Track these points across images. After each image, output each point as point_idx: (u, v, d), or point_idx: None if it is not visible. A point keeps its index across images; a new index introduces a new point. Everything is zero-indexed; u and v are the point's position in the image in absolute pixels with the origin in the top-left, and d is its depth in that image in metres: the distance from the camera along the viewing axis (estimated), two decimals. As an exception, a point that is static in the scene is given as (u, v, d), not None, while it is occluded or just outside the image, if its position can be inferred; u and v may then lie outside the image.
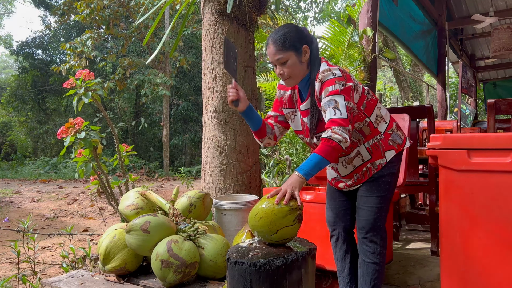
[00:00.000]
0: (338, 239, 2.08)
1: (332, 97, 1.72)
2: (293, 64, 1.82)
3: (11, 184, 8.97)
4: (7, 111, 17.93)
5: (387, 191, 1.91)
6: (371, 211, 1.89)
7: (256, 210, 1.72)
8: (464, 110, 7.44)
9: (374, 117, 1.91)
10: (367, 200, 1.91)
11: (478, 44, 9.60)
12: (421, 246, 3.43)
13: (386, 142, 1.92)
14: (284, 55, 1.80)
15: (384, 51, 4.52)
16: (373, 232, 1.89)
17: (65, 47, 10.93)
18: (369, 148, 1.90)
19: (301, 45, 1.83)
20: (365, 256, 1.91)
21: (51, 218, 5.22)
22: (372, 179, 1.91)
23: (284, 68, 1.83)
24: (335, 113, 1.70)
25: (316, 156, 1.69)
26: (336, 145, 1.66)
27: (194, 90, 15.03)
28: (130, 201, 2.46)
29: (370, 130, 1.90)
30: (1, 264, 3.20)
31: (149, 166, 13.00)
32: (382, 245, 1.91)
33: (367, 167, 1.91)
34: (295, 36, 1.82)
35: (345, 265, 2.08)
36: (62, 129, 2.85)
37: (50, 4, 15.78)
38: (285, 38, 1.80)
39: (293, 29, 1.85)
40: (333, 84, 1.74)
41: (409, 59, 14.64)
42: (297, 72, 1.85)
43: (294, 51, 1.81)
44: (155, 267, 2.02)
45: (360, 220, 1.92)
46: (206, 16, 3.08)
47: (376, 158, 1.91)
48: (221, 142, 2.99)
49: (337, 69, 1.79)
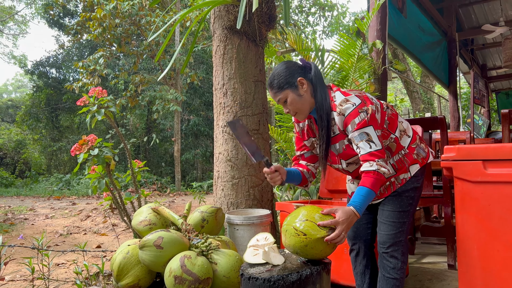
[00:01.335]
0: (358, 254, 2.05)
1: (362, 130, 1.72)
2: (293, 100, 1.82)
3: (25, 201, 9.07)
4: (22, 129, 18.26)
5: (410, 206, 1.88)
6: (393, 225, 1.86)
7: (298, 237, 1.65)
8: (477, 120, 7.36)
9: (398, 132, 1.90)
10: (389, 215, 1.88)
11: (489, 54, 9.54)
12: (437, 260, 3.36)
13: (411, 156, 1.90)
14: (282, 95, 1.82)
15: (394, 63, 4.51)
16: (394, 247, 1.85)
17: (78, 66, 11.15)
18: (394, 165, 1.88)
19: (295, 80, 1.82)
20: (385, 271, 1.88)
21: (64, 234, 5.25)
22: (395, 193, 1.88)
23: (288, 106, 1.85)
24: (370, 146, 1.70)
25: (366, 190, 1.69)
26: (383, 177, 1.70)
27: (204, 105, 15.16)
28: (143, 217, 2.46)
29: (396, 146, 1.88)
30: (15, 281, 3.22)
31: (161, 182, 13.06)
32: (403, 261, 1.87)
33: (391, 181, 1.88)
34: (285, 73, 1.83)
35: (364, 280, 2.05)
36: (76, 146, 2.89)
37: (64, 24, 16.16)
38: (277, 79, 1.83)
39: (283, 67, 1.85)
40: (358, 115, 1.72)
41: (419, 70, 14.60)
42: (300, 106, 1.84)
43: (288, 88, 1.82)
44: (168, 283, 2.01)
45: (382, 235, 1.89)
46: (216, 32, 3.12)
47: (400, 172, 1.88)
48: (233, 156, 2.99)
49: (353, 97, 1.77)
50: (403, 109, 10.52)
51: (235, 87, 3.01)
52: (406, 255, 1.89)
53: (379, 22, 4.25)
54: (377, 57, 4.20)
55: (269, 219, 2.67)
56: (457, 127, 7.53)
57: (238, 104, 3.00)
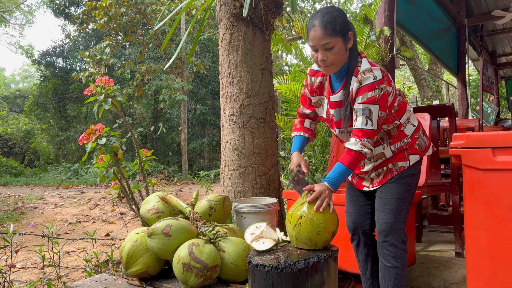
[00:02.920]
0: (359, 243, 2.05)
1: (368, 105, 1.69)
2: (339, 50, 1.71)
3: (34, 190, 9.18)
4: (30, 119, 18.39)
5: (407, 192, 1.87)
6: (391, 213, 1.85)
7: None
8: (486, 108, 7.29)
9: (404, 119, 1.88)
10: (386, 202, 1.87)
11: (499, 40, 9.39)
12: (445, 248, 3.36)
13: (413, 146, 1.89)
14: (333, 40, 1.69)
15: (402, 50, 4.46)
16: (393, 235, 1.84)
17: (84, 55, 11.17)
18: (394, 151, 1.87)
19: (348, 31, 1.73)
20: (386, 260, 1.87)
21: (73, 223, 5.32)
22: (392, 180, 1.87)
23: (329, 54, 1.72)
24: (366, 123, 1.69)
25: (344, 168, 1.73)
26: (363, 158, 1.73)
27: (211, 94, 15.14)
28: (151, 205, 2.48)
29: (397, 132, 1.87)
30: (26, 269, 3.27)
31: (168, 171, 13.13)
32: (403, 248, 1.86)
33: (388, 167, 1.88)
34: (344, 20, 1.72)
35: (367, 267, 2.06)
36: (84, 136, 2.90)
37: (70, 13, 16.14)
38: (335, 22, 1.69)
39: (342, 13, 1.73)
40: (373, 89, 1.69)
41: (427, 57, 14.44)
42: (340, 60, 1.75)
43: (342, 37, 1.71)
44: (176, 270, 2.03)
45: (380, 223, 1.88)
46: (222, 20, 3.10)
47: (399, 159, 1.87)
48: (240, 145, 2.99)
49: (378, 70, 1.72)
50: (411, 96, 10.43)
51: (242, 76, 3.00)
52: (405, 243, 1.88)
53: (387, 8, 4.19)
54: (385, 44, 4.15)
55: (276, 207, 2.68)
56: (466, 115, 7.45)
57: (245, 92, 2.99)
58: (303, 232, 1.70)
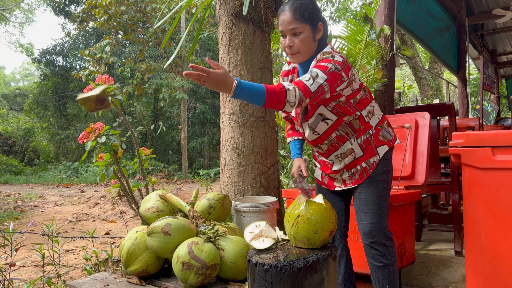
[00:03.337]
0: (332, 243, 2.02)
1: (317, 70, 1.63)
2: (307, 38, 1.71)
3: (34, 189, 9.18)
4: (30, 118, 18.39)
5: (385, 189, 1.87)
6: (374, 213, 1.83)
7: None
8: (486, 107, 7.28)
9: (365, 112, 1.86)
10: (367, 202, 1.84)
11: (500, 39, 9.38)
12: (444, 247, 3.36)
13: (377, 137, 1.88)
14: (300, 26, 1.69)
15: (402, 48, 4.45)
16: (379, 234, 1.82)
17: (84, 54, 11.16)
18: (361, 144, 1.86)
19: (317, 22, 1.73)
20: (376, 261, 1.84)
21: (73, 221, 5.32)
22: (369, 180, 1.85)
23: (296, 40, 1.71)
24: (308, 79, 1.60)
25: (260, 86, 1.54)
26: (284, 99, 1.55)
27: (211, 93, 15.13)
28: (151, 204, 2.48)
29: (360, 124, 1.85)
30: (26, 267, 3.27)
31: (168, 169, 13.13)
32: (391, 245, 1.85)
33: (362, 166, 1.86)
34: (314, 9, 1.72)
35: (339, 269, 2.02)
36: (83, 134, 2.90)
37: (69, 11, 16.13)
38: (305, 9, 1.70)
39: (313, 1, 1.74)
40: (327, 62, 1.65)
41: (427, 56, 14.43)
42: (307, 48, 1.73)
43: (310, 25, 1.71)
44: (176, 269, 2.03)
45: (365, 225, 1.84)
46: (222, 18, 3.10)
47: (370, 155, 1.86)
48: (239, 144, 2.99)
49: (339, 56, 1.71)
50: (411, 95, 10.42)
51: (241, 74, 3.00)
52: (392, 239, 1.86)
53: (387, 7, 4.19)
54: (385, 43, 4.15)
55: (276, 206, 2.68)
56: (466, 114, 7.45)
57: (245, 91, 2.99)
58: (301, 231, 1.70)
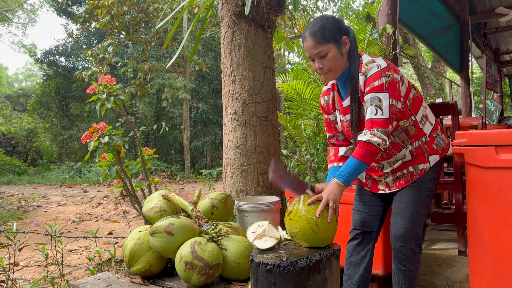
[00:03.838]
0: (359, 244, 1.98)
1: (376, 94, 1.64)
2: (334, 56, 1.72)
3: (38, 189, 9.21)
4: (33, 118, 18.45)
5: (428, 197, 1.83)
6: (410, 218, 1.80)
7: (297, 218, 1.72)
8: (490, 106, 7.25)
9: (419, 116, 1.82)
10: (406, 206, 1.81)
11: (503, 38, 9.34)
12: (448, 246, 3.35)
13: (431, 145, 1.84)
14: (324, 47, 1.70)
15: (404, 48, 4.44)
16: (411, 240, 1.81)
17: (87, 54, 11.19)
18: (412, 151, 1.82)
19: (341, 36, 1.73)
20: (401, 265, 1.84)
21: (76, 221, 5.33)
22: (414, 184, 1.82)
23: (324, 61, 1.73)
24: (376, 112, 1.63)
25: (355, 161, 1.65)
26: (376, 148, 1.63)
27: (213, 92, 15.13)
28: (154, 204, 2.48)
29: (416, 130, 1.81)
30: (30, 267, 3.28)
31: (171, 169, 13.14)
32: (419, 252, 1.85)
33: (409, 170, 1.83)
34: (334, 26, 1.72)
35: (358, 271, 1.98)
36: (86, 134, 2.91)
37: (72, 12, 16.17)
38: (324, 30, 1.70)
39: (331, 19, 1.74)
40: (379, 78, 1.65)
41: (430, 55, 14.38)
42: (337, 65, 1.74)
43: (334, 42, 1.71)
44: (179, 268, 2.03)
45: (399, 228, 1.82)
46: (224, 18, 3.10)
47: (419, 162, 1.82)
48: (242, 143, 2.99)
49: (381, 59, 1.70)
50: (414, 95, 10.36)
51: (244, 74, 3.00)
52: (421, 247, 1.86)
53: (389, 6, 4.17)
54: (388, 42, 4.14)
55: (278, 205, 2.68)
56: (469, 113, 7.42)
57: (247, 91, 2.99)
58: (301, 230, 1.70)
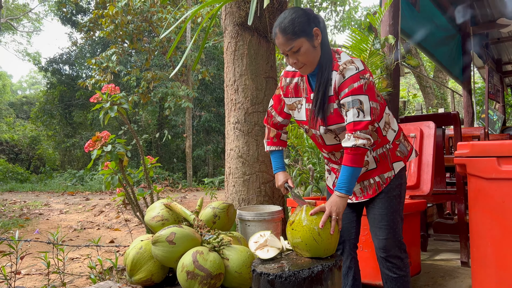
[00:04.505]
0: (342, 254, 1.99)
1: (357, 96, 1.63)
2: (307, 50, 1.66)
3: (40, 197, 9.22)
4: (36, 126, 18.52)
5: (399, 204, 1.85)
6: (390, 228, 1.82)
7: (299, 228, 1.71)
8: (492, 116, 7.25)
9: (382, 123, 1.82)
10: (382, 218, 1.83)
11: (505, 48, 9.36)
12: (450, 257, 3.33)
13: (394, 152, 1.85)
14: (296, 43, 1.64)
15: (407, 58, 4.46)
16: (395, 248, 1.83)
17: (91, 63, 11.27)
18: (376, 157, 1.83)
19: (311, 29, 1.66)
20: (391, 272, 1.84)
21: (78, 229, 5.33)
22: (383, 196, 1.83)
23: (298, 56, 1.67)
24: (358, 115, 1.62)
25: (348, 169, 1.65)
26: (363, 150, 1.64)
27: (216, 101, 15.18)
28: (156, 213, 2.48)
29: (378, 137, 1.81)
30: (31, 275, 3.28)
31: (173, 177, 13.14)
32: (405, 256, 1.86)
33: (375, 180, 1.84)
34: (304, 20, 1.65)
35: (347, 281, 2.00)
36: (89, 143, 2.92)
37: (76, 21, 16.31)
38: (294, 25, 1.63)
39: (300, 12, 1.66)
40: (358, 80, 1.63)
41: (432, 65, 14.42)
42: (311, 59, 1.69)
43: (305, 36, 1.65)
44: (180, 278, 2.03)
45: (380, 240, 1.84)
46: (227, 28, 3.12)
47: (384, 170, 1.83)
48: (244, 152, 3.00)
49: (359, 61, 1.68)
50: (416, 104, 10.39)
51: (246, 84, 3.02)
52: (406, 250, 1.87)
53: (391, 16, 4.20)
54: (390, 52, 4.16)
55: (281, 215, 2.68)
56: (471, 123, 7.42)
57: (249, 100, 3.01)
58: (303, 240, 1.69)
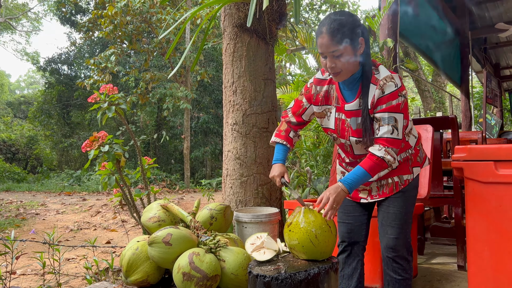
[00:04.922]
0: (349, 256, 2.00)
1: (393, 114, 1.66)
2: (348, 58, 1.64)
3: (36, 197, 9.18)
4: (34, 125, 18.48)
5: (412, 206, 1.88)
6: (401, 228, 1.83)
7: None
8: (490, 120, 7.27)
9: (407, 129, 1.84)
10: (396, 217, 1.84)
11: (503, 53, 9.40)
12: (447, 261, 3.33)
13: (415, 157, 1.88)
14: (340, 48, 1.61)
15: (405, 61, 4.47)
16: (403, 249, 1.84)
17: (89, 63, 11.26)
18: (400, 161, 1.85)
19: (358, 37, 1.65)
20: (396, 274, 1.85)
21: (75, 230, 5.31)
22: (399, 195, 1.85)
23: (337, 61, 1.64)
24: (392, 132, 1.66)
25: (363, 172, 1.68)
26: (386, 165, 1.68)
27: (214, 103, 15.18)
28: (152, 214, 2.48)
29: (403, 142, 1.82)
30: (27, 275, 3.26)
31: (170, 179, 13.12)
32: (411, 260, 1.88)
33: (393, 180, 1.85)
34: (352, 27, 1.63)
35: (351, 283, 1.99)
36: (87, 143, 2.91)
37: (76, 21, 16.29)
38: (343, 29, 1.61)
39: (350, 19, 1.65)
40: (396, 97, 1.66)
41: (431, 69, 14.46)
42: (350, 67, 1.67)
43: (350, 44, 1.63)
44: (176, 279, 2.02)
45: (390, 239, 1.84)
46: (226, 30, 3.12)
47: (404, 172, 1.85)
48: (242, 154, 2.99)
49: (397, 77, 1.69)
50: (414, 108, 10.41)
51: (245, 85, 3.01)
52: (412, 254, 1.89)
53: (390, 20, 4.21)
54: (388, 55, 4.17)
55: (278, 217, 2.67)
56: (469, 127, 7.44)
57: (248, 102, 3.01)
58: (300, 242, 1.69)
